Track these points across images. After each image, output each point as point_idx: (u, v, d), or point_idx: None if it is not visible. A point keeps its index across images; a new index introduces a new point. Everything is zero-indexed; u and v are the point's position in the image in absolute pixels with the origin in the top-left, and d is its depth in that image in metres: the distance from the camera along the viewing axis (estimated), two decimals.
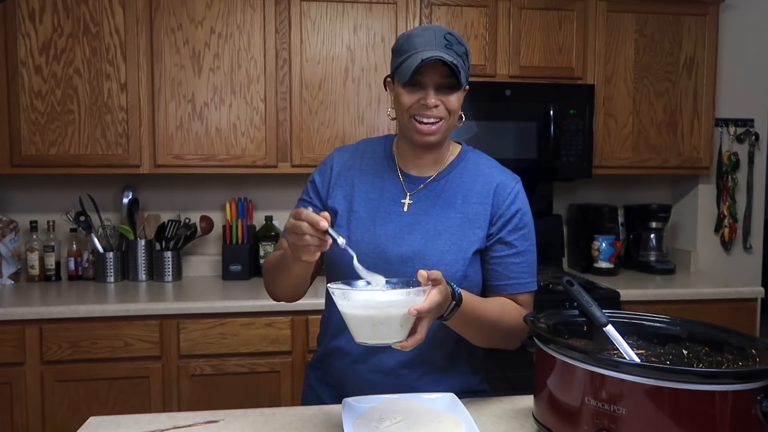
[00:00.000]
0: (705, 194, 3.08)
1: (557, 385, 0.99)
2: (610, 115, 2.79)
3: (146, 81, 2.50)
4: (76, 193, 2.74)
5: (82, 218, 2.67)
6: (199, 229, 2.76)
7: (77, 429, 1.16)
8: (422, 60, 1.14)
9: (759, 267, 3.16)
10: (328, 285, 1.06)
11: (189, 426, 1.14)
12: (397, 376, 1.28)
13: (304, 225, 1.02)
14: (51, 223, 2.73)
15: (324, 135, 2.61)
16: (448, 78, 1.19)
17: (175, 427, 1.14)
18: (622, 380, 0.89)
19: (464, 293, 1.14)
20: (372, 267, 1.15)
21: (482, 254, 1.29)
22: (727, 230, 3.06)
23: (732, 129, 3.05)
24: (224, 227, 2.78)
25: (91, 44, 2.47)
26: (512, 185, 1.32)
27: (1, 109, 2.43)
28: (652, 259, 2.98)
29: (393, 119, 1.31)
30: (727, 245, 3.09)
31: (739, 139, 3.07)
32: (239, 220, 2.77)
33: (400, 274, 1.18)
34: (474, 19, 2.66)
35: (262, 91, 2.57)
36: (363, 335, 0.99)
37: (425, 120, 1.21)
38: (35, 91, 2.44)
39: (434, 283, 1.02)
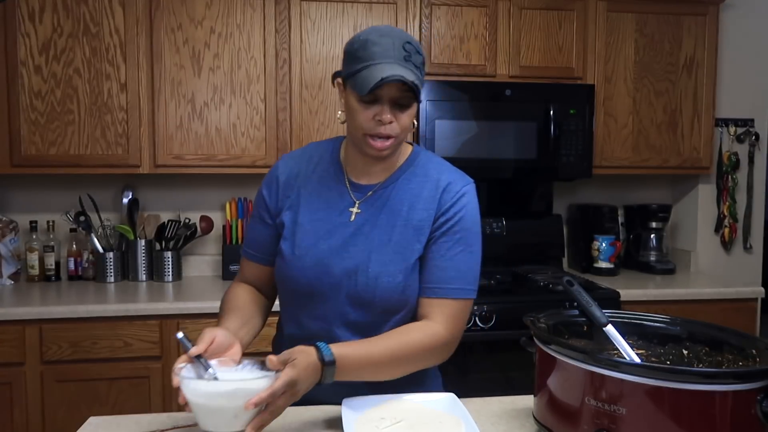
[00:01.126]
0: (705, 194, 3.08)
1: (557, 385, 0.99)
2: (610, 115, 2.79)
3: (146, 81, 2.50)
4: (76, 193, 2.74)
5: (82, 218, 2.67)
6: (199, 229, 2.76)
7: (77, 429, 1.16)
8: (382, 79, 1.08)
9: (759, 267, 3.16)
10: (177, 367, 1.01)
11: (189, 426, 1.14)
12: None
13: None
14: (51, 223, 2.72)
15: (324, 135, 2.61)
16: (406, 92, 1.14)
17: (175, 427, 1.14)
18: (622, 380, 0.89)
19: (342, 347, 1.10)
20: (316, 282, 1.20)
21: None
22: (727, 230, 3.06)
23: (732, 129, 3.05)
24: (224, 227, 2.78)
25: (91, 44, 2.47)
26: (459, 187, 1.26)
27: (1, 109, 2.43)
28: (652, 259, 2.98)
29: (343, 122, 1.25)
30: (727, 245, 3.09)
31: (739, 139, 3.07)
32: (239, 220, 2.77)
33: (343, 289, 1.21)
34: (474, 19, 2.66)
35: (262, 91, 2.57)
36: (199, 422, 0.98)
37: (379, 138, 1.16)
38: (35, 91, 2.44)
39: (287, 363, 1.01)
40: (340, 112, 1.24)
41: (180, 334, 1.04)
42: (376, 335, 1.20)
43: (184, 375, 0.98)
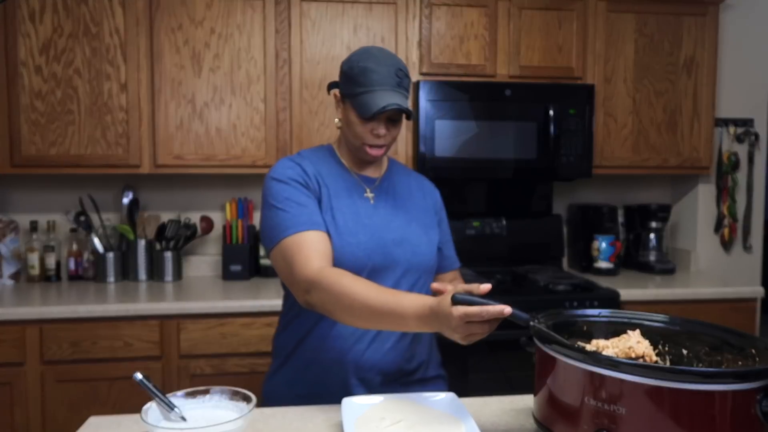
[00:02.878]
0: (705, 194, 3.08)
1: (557, 385, 0.99)
2: (610, 115, 2.79)
3: (146, 81, 2.50)
4: (76, 193, 2.74)
5: (82, 218, 2.67)
6: (199, 229, 2.77)
7: (77, 429, 1.16)
8: (383, 107, 1.28)
9: (759, 267, 3.16)
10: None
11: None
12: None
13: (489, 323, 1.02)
14: (51, 223, 2.73)
15: (324, 135, 2.61)
16: (399, 114, 1.35)
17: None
18: (622, 380, 0.89)
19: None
20: (372, 253, 1.32)
21: None
22: (726, 230, 3.06)
23: (732, 129, 3.05)
24: (224, 227, 2.78)
25: (91, 44, 2.47)
26: (431, 184, 1.58)
27: (1, 109, 2.43)
28: (652, 259, 2.98)
29: (338, 128, 1.42)
30: (726, 245, 3.09)
31: (739, 139, 3.07)
32: (239, 220, 2.77)
33: (396, 256, 1.36)
34: (474, 19, 2.66)
35: (262, 91, 2.57)
36: None
37: (375, 146, 1.36)
38: (35, 91, 2.45)
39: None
40: (336, 119, 1.42)
41: (138, 375, 1.02)
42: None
43: (150, 422, 0.96)
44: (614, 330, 1.16)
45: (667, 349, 1.10)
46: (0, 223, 2.64)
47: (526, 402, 1.27)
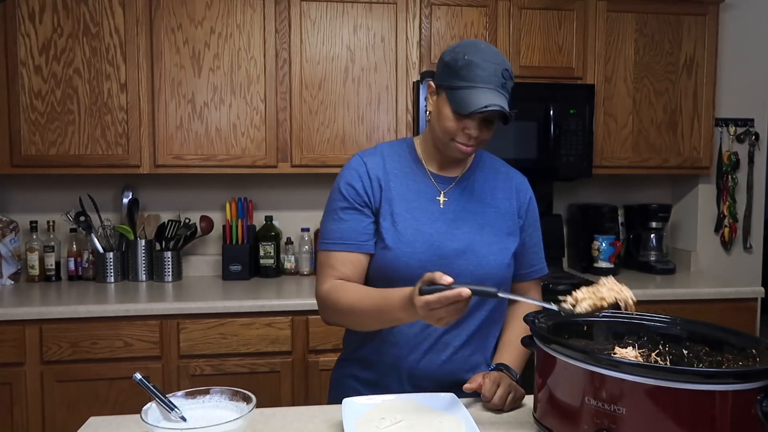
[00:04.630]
0: (705, 194, 3.08)
1: (557, 385, 0.99)
2: (610, 115, 2.79)
3: (146, 81, 2.50)
4: (76, 193, 2.74)
5: (82, 218, 2.67)
6: (199, 229, 2.76)
7: (77, 429, 1.16)
8: (485, 106, 1.19)
9: (759, 267, 3.16)
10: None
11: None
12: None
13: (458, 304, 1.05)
14: (51, 223, 2.73)
15: (324, 135, 2.61)
16: (492, 115, 1.25)
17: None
18: (622, 380, 0.89)
19: (507, 361, 1.31)
20: (429, 263, 1.25)
21: None
22: (727, 230, 3.06)
23: (732, 129, 3.05)
24: (224, 227, 2.78)
25: (91, 44, 2.47)
26: (526, 183, 1.46)
27: (1, 109, 2.43)
28: (652, 259, 2.98)
29: (428, 120, 1.35)
30: (727, 245, 3.09)
31: (739, 139, 3.07)
32: (239, 220, 2.77)
33: (456, 268, 1.27)
34: (474, 19, 2.66)
35: (262, 91, 2.57)
36: None
37: (465, 147, 1.28)
38: (35, 91, 2.44)
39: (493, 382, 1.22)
40: (427, 111, 1.34)
41: (138, 376, 1.03)
42: (480, 313, 1.34)
43: (150, 423, 0.96)
44: (614, 330, 1.16)
45: (667, 349, 1.11)
46: (0, 223, 2.64)
47: (526, 402, 1.27)
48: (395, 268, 1.29)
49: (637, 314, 1.18)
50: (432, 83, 1.31)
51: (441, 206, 1.34)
